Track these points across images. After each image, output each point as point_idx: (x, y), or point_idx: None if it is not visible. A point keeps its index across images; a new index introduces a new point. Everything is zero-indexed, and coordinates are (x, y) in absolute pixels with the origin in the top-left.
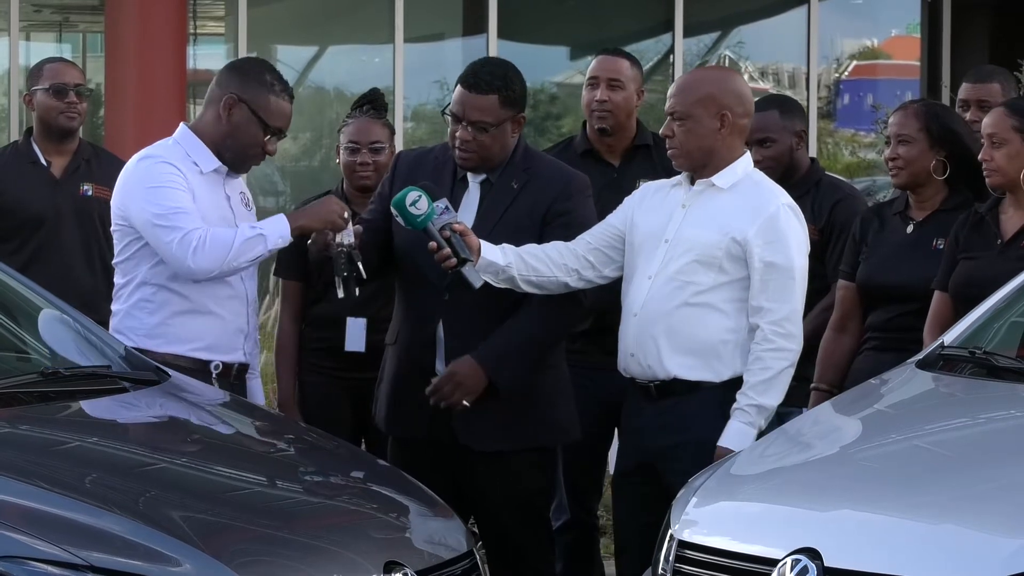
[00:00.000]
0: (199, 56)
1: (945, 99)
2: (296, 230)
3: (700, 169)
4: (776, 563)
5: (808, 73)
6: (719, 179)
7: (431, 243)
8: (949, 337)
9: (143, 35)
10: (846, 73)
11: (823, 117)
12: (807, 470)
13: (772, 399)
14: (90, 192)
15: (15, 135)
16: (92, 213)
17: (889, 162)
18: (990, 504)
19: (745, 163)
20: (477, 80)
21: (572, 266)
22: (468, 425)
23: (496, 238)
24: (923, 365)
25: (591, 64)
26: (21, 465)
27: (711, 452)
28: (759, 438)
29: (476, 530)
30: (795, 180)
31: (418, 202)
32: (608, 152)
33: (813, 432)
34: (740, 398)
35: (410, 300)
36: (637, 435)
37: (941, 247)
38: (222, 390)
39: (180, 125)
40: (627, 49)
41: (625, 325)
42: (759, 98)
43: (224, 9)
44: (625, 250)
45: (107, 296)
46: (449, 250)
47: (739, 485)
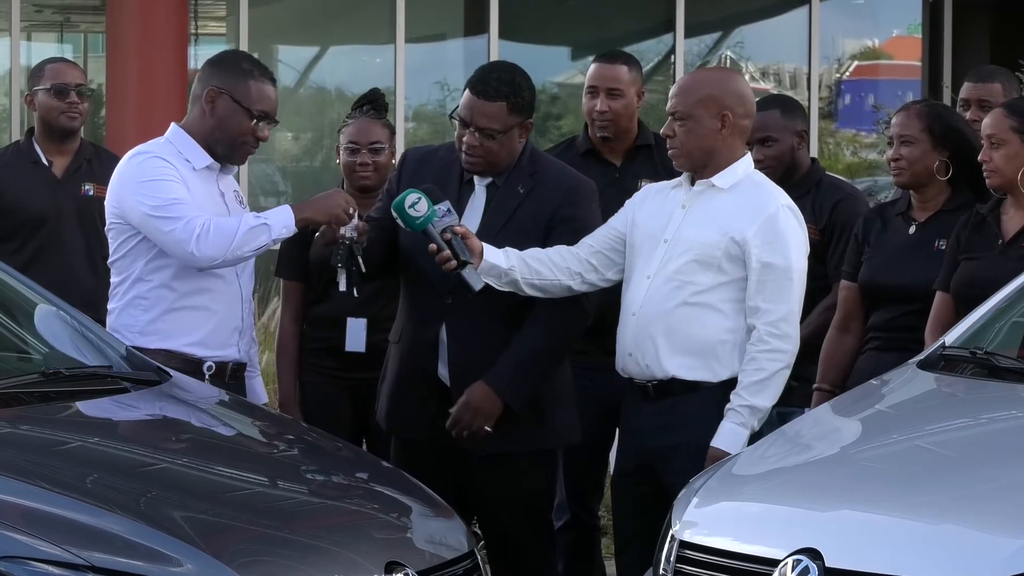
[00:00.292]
0: (200, 56)
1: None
2: (301, 221)
3: (701, 169)
4: (777, 563)
5: (809, 73)
6: (719, 179)
7: (431, 245)
8: (950, 337)
9: (144, 35)
10: (847, 73)
11: (824, 117)
12: (808, 470)
13: (765, 400)
14: (91, 192)
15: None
16: (93, 213)
17: (892, 163)
18: (991, 504)
19: (746, 164)
20: (486, 87)
21: (575, 269)
22: None
23: (501, 242)
24: (924, 365)
25: (590, 70)
26: (22, 465)
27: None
28: (756, 438)
29: (479, 531)
30: (796, 180)
31: (417, 204)
32: (610, 152)
33: (814, 432)
34: (733, 398)
35: (414, 301)
36: (635, 435)
37: (943, 248)
38: (223, 390)
39: (171, 124)
40: (628, 50)
41: (623, 325)
42: (761, 98)
43: (225, 9)
44: (626, 251)
45: (108, 296)
46: (449, 252)
47: (740, 485)
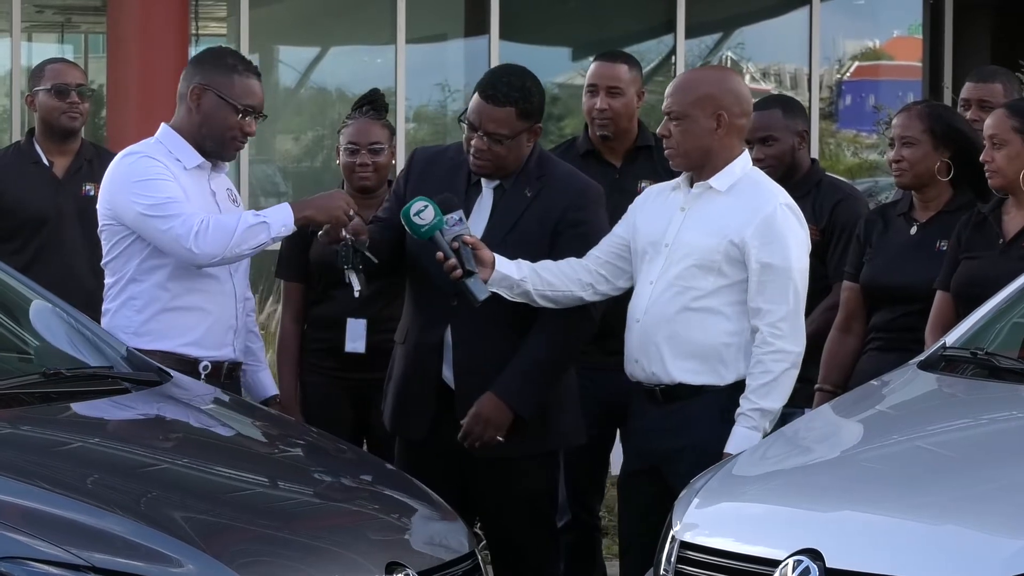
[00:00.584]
0: None
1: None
2: (300, 220)
3: (698, 169)
4: (778, 564)
5: (810, 74)
6: (716, 181)
7: (438, 253)
8: (951, 338)
9: (145, 36)
10: (848, 74)
11: (825, 118)
12: (809, 471)
13: (774, 402)
14: (92, 192)
15: (17, 136)
16: (94, 213)
17: (893, 164)
18: (991, 505)
19: (743, 162)
20: (495, 92)
21: (586, 280)
22: None
23: (507, 246)
24: (925, 366)
25: (590, 69)
26: (22, 466)
27: (715, 455)
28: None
29: (481, 532)
30: (796, 180)
31: (423, 212)
32: (610, 153)
33: (815, 433)
34: (743, 403)
35: (419, 302)
36: (642, 437)
37: (945, 248)
38: (223, 390)
39: (161, 124)
40: (629, 50)
41: (629, 331)
42: (762, 97)
43: (226, 10)
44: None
45: None
46: (455, 261)
47: (741, 486)
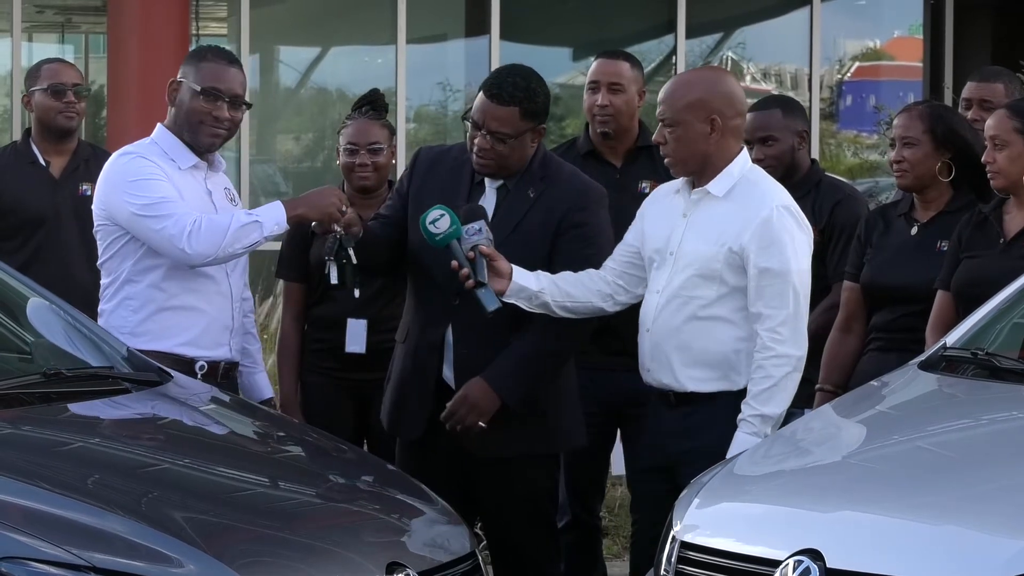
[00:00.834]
0: None
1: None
2: (293, 218)
3: (697, 174)
4: (778, 564)
5: (810, 74)
6: (714, 187)
7: (453, 261)
8: (952, 338)
9: (145, 36)
10: (848, 74)
11: (825, 118)
12: (809, 471)
13: (775, 407)
14: (89, 192)
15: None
16: (91, 213)
17: (894, 164)
18: (992, 505)
19: (742, 162)
20: (500, 91)
21: (606, 291)
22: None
23: (509, 246)
24: (925, 366)
25: (591, 67)
26: (23, 466)
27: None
28: None
29: (481, 532)
30: (796, 181)
31: (439, 221)
32: (611, 153)
33: (815, 433)
34: (744, 408)
35: (421, 301)
36: (656, 437)
37: (945, 249)
38: (224, 391)
39: (157, 125)
40: (629, 50)
41: (640, 339)
42: (762, 97)
43: (226, 10)
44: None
45: None
46: (469, 270)
47: (741, 486)
